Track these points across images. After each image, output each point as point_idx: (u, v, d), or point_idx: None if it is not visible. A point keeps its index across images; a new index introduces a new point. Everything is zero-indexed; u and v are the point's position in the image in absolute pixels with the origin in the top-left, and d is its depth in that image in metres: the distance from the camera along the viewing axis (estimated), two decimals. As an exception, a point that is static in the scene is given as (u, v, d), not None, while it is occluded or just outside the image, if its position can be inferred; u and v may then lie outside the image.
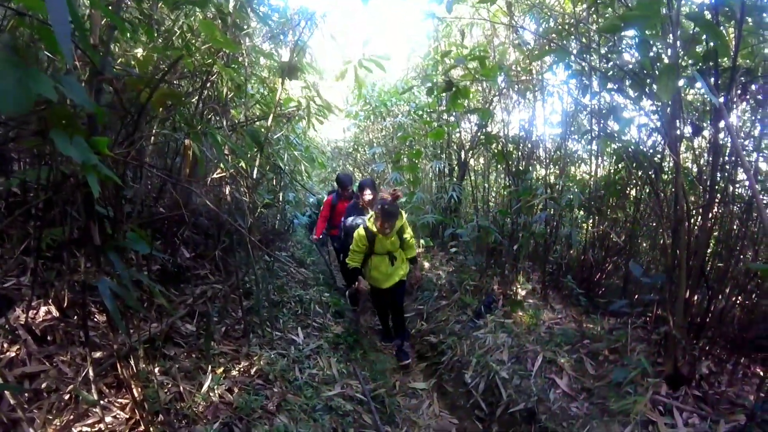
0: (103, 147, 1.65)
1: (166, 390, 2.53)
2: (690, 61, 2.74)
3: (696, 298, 3.24)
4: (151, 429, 2.15)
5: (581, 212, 4.79)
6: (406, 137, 6.11)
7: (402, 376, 4.27)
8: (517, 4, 4.19)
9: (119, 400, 2.29)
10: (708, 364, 3.23)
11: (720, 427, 2.64)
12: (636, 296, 4.14)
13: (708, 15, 2.45)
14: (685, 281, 2.97)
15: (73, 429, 2.03)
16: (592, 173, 4.53)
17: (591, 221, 4.56)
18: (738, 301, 3.34)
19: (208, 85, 3.30)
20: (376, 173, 7.80)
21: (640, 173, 3.77)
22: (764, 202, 3.14)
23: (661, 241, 3.45)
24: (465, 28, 4.54)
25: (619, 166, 4.17)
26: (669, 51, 2.44)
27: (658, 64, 2.60)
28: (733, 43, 2.31)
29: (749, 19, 2.44)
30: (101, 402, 2.18)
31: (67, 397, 2.14)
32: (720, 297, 3.28)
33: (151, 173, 2.97)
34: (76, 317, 2.56)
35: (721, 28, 2.59)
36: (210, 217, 3.92)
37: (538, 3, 4.03)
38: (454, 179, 5.54)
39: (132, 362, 2.20)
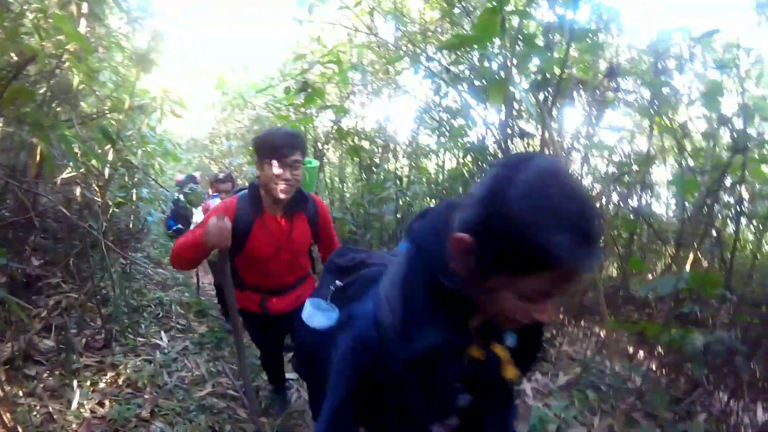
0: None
1: (34, 412, 2.35)
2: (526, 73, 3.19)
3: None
4: (26, 455, 2.01)
5: (432, 201, 5.20)
6: (262, 131, 5.98)
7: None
8: (378, 9, 4.41)
9: (-13, 430, 2.08)
10: (548, 329, 3.81)
11: (559, 379, 3.17)
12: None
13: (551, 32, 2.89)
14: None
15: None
16: (441, 165, 4.96)
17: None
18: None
19: (57, 71, 3.02)
20: (233, 165, 7.58)
21: (483, 165, 4.23)
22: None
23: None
24: (322, 31, 4.63)
25: (467, 159, 4.63)
26: (502, 69, 2.83)
27: (497, 76, 2.99)
28: (563, 60, 2.76)
29: (589, 39, 2.91)
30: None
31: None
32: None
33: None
34: None
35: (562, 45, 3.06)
36: (59, 220, 3.59)
37: (396, 9, 4.29)
38: (311, 171, 5.62)
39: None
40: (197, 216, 4.84)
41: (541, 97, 3.10)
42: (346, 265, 1.38)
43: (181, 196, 5.40)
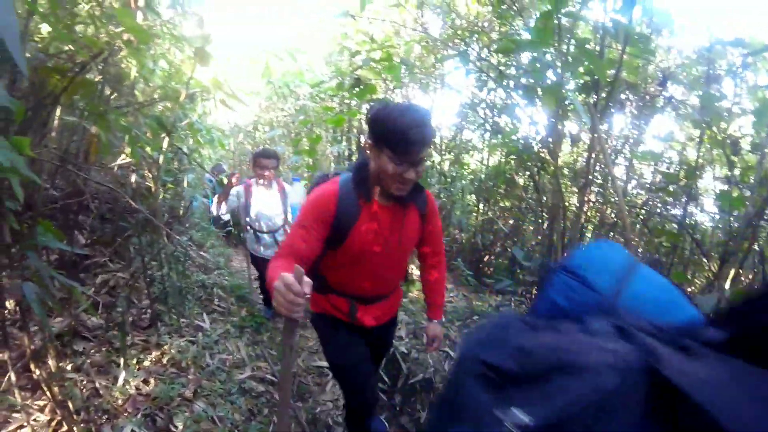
0: (26, 147, 1.61)
1: (81, 387, 2.49)
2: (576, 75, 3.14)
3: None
4: (75, 428, 2.13)
5: (473, 197, 5.20)
6: (308, 122, 6.15)
7: (308, 355, 4.42)
8: (426, 4, 4.42)
9: (37, 402, 2.22)
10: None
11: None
12: (520, 276, 4.64)
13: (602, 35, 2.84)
14: (561, 264, 3.43)
15: (-5, 437, 1.97)
16: (485, 162, 4.94)
17: (482, 207, 4.99)
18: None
19: (110, 59, 3.14)
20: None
21: (528, 164, 4.21)
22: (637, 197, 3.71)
23: (541, 228, 3.94)
24: (370, 24, 4.65)
25: (510, 157, 4.60)
26: (555, 73, 2.78)
27: (547, 77, 2.95)
28: (616, 65, 2.71)
29: (641, 45, 2.84)
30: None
31: (-17, 404, 2.06)
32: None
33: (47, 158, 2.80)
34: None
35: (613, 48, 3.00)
36: (108, 202, 3.75)
37: (445, 3, 4.29)
38: (354, 162, 5.69)
39: (50, 361, 2.16)
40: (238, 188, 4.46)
41: (590, 99, 3.05)
42: (515, 370, 0.72)
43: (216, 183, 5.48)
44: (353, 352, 2.11)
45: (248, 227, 4.32)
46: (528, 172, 4.34)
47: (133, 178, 3.25)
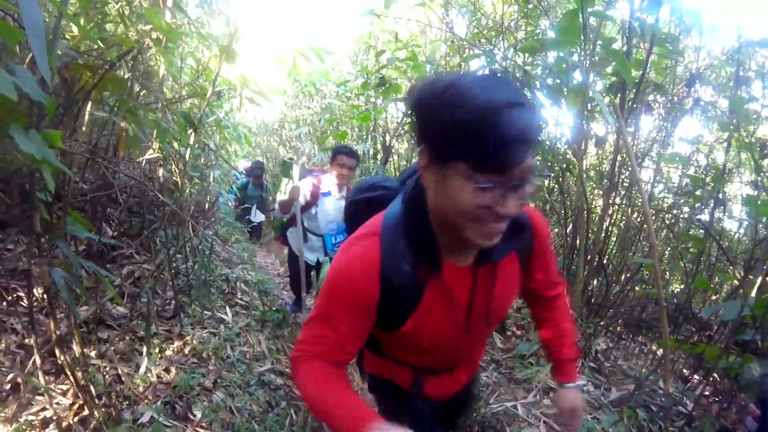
0: (57, 140, 1.67)
1: (104, 373, 2.56)
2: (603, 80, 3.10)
3: (595, 283, 3.70)
4: (96, 412, 2.20)
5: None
6: (334, 120, 6.20)
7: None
8: (451, 3, 4.43)
9: (59, 387, 2.30)
10: (605, 341, 3.73)
11: (611, 393, 3.12)
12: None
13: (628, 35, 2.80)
14: (582, 267, 3.40)
15: (19, 419, 2.04)
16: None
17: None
18: (634, 288, 3.86)
19: (139, 57, 3.22)
20: (302, 151, 7.76)
21: (553, 165, 4.16)
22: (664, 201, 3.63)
23: (564, 231, 3.89)
24: (396, 23, 4.66)
25: (535, 158, 4.54)
26: (581, 73, 2.75)
27: (573, 78, 2.92)
28: (643, 65, 2.66)
29: (669, 45, 2.80)
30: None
31: (8, 387, 2.14)
32: (615, 284, 3.78)
33: (77, 151, 2.89)
34: (5, 304, 2.52)
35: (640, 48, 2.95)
36: (136, 195, 3.86)
37: (470, 2, 4.29)
38: (378, 162, 5.73)
39: (74, 347, 2.23)
40: (306, 185, 3.93)
41: (617, 100, 3.01)
42: None
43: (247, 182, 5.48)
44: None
45: (300, 223, 3.81)
46: (553, 174, 4.29)
47: (161, 172, 3.33)
